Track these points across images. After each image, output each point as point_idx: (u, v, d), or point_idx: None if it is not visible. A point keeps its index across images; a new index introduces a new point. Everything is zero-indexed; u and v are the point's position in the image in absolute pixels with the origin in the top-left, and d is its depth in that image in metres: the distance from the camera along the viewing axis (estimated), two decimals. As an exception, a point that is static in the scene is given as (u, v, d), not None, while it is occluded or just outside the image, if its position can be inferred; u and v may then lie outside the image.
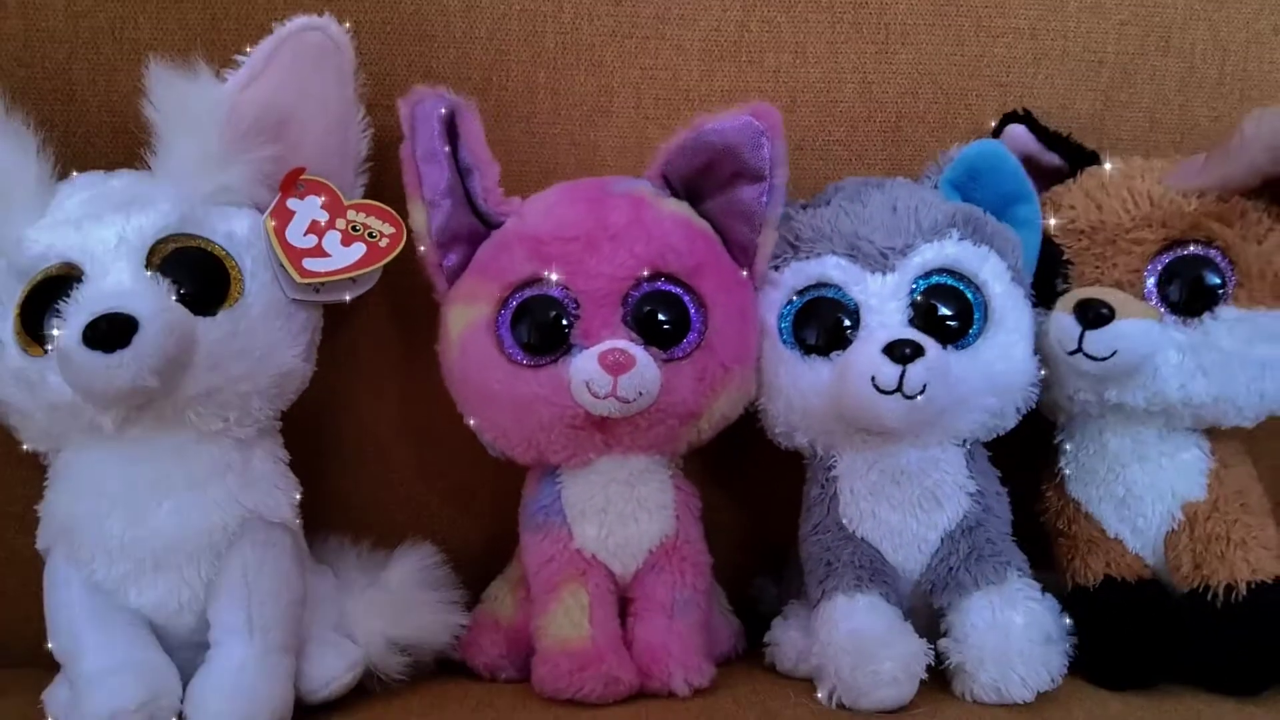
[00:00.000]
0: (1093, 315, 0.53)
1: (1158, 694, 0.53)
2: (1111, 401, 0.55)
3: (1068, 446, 0.59)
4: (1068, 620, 0.54)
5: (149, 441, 0.49)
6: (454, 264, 0.54)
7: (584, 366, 0.50)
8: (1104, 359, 0.53)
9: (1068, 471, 0.58)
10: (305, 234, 0.52)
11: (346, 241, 0.53)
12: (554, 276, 0.51)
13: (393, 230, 0.53)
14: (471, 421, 0.55)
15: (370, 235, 0.53)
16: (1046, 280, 0.57)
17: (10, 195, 0.49)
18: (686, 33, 0.63)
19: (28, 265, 0.49)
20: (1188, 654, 0.53)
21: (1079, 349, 0.53)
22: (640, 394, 0.50)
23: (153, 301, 0.46)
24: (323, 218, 0.53)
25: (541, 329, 0.52)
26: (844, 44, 0.64)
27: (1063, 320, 0.54)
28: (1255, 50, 0.65)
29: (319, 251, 0.52)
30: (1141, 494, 0.56)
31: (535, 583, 0.55)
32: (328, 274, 0.52)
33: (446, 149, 0.52)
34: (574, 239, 0.52)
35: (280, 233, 0.52)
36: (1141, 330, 0.53)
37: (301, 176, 0.53)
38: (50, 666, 0.51)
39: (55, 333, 0.46)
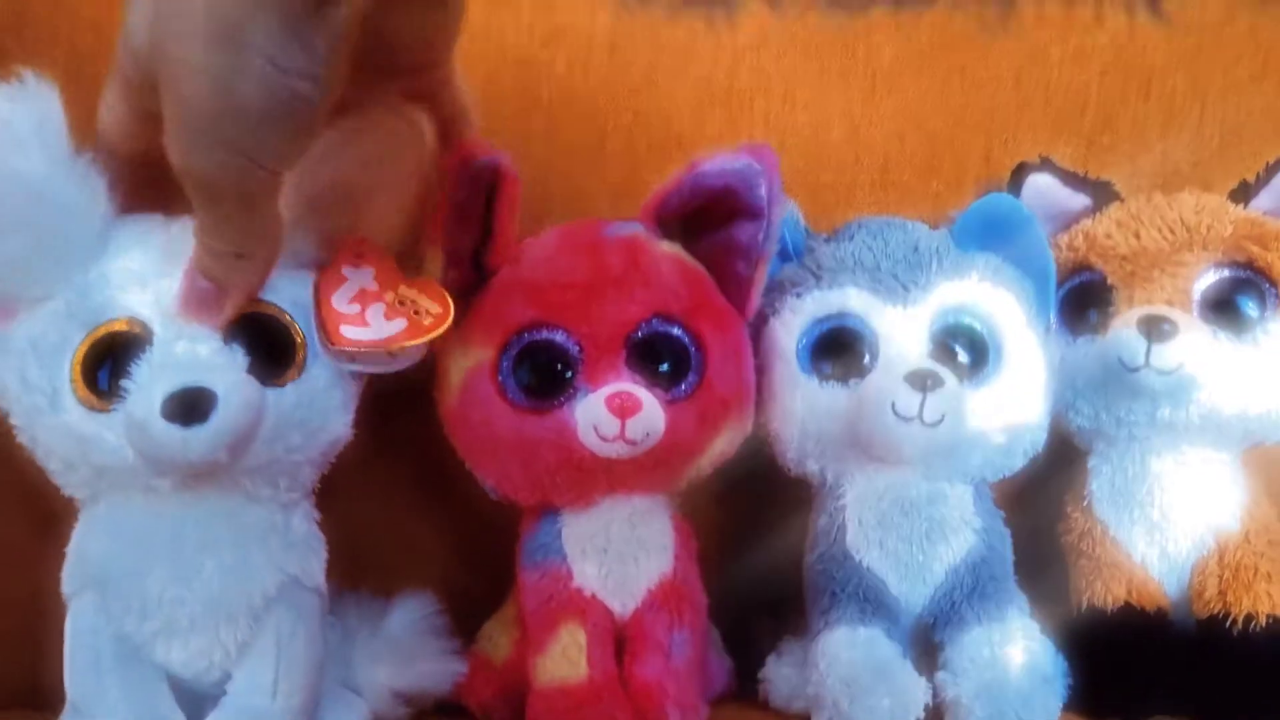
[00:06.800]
0: (1158, 330, 0.54)
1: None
2: (1164, 421, 0.56)
3: (1104, 469, 0.59)
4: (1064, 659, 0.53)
5: (199, 501, 0.48)
6: None
7: (591, 410, 0.50)
8: (1170, 372, 0.54)
9: (1099, 494, 0.59)
10: (350, 301, 0.50)
11: (390, 315, 0.50)
12: (556, 322, 0.52)
13: (439, 310, 0.50)
14: (473, 466, 0.54)
15: (415, 312, 0.50)
16: (1079, 308, 0.58)
17: (73, 236, 0.47)
18: (678, 81, 0.64)
19: (89, 315, 0.47)
20: (1196, 678, 0.54)
21: (1146, 363, 0.54)
22: (647, 435, 0.50)
23: (230, 375, 0.45)
24: (373, 288, 0.51)
25: (545, 373, 0.52)
26: (832, 91, 0.65)
27: (1127, 336, 0.55)
28: (1233, 97, 0.67)
29: (359, 320, 0.49)
30: (1178, 519, 0.57)
31: (532, 621, 0.54)
32: (362, 343, 0.49)
33: (481, 211, 0.51)
34: (574, 286, 0.52)
35: (326, 296, 0.50)
36: (1205, 343, 0.54)
37: (363, 245, 0.51)
38: (40, 707, 0.50)
39: (127, 395, 0.44)
